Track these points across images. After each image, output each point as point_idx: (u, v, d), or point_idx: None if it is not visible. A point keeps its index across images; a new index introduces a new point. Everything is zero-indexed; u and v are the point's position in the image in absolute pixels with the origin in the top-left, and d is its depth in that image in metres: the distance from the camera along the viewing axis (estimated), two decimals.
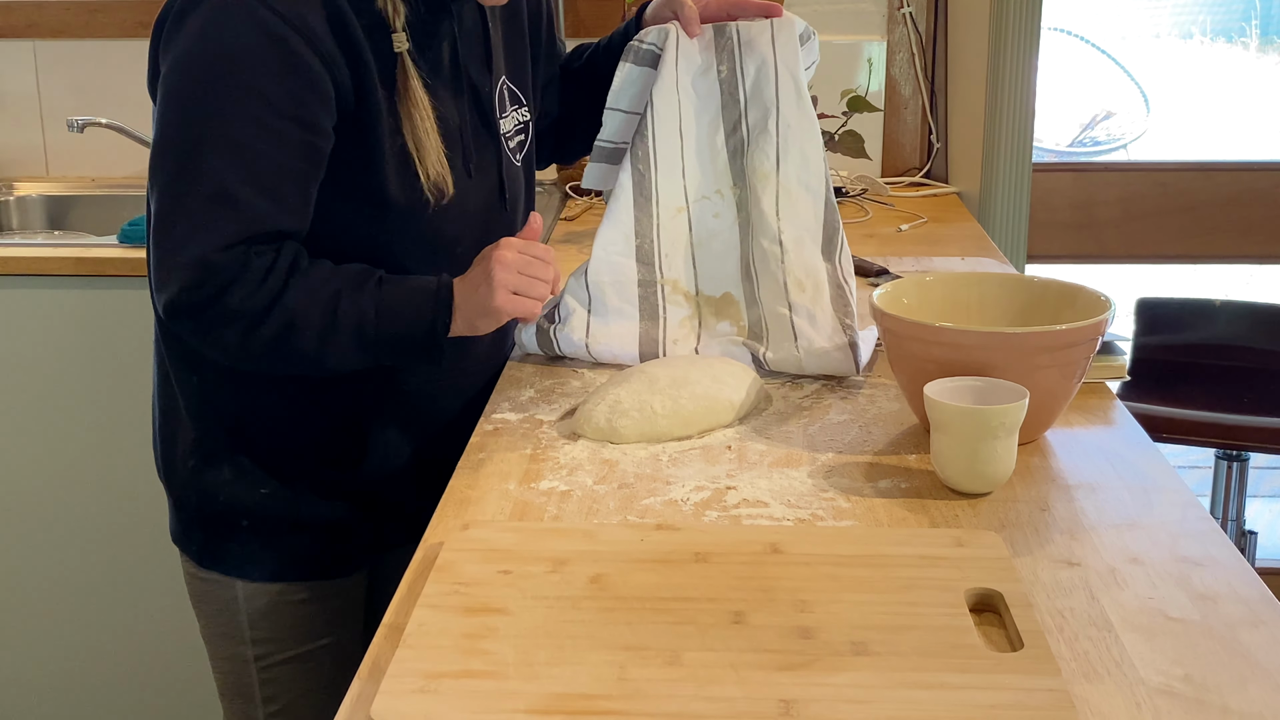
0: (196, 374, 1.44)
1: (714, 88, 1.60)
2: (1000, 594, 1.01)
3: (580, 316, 1.57)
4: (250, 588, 1.51)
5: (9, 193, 2.63)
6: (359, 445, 1.47)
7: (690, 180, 1.60)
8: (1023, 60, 2.45)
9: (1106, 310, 1.32)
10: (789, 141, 1.58)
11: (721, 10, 1.61)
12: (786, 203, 1.57)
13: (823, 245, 1.58)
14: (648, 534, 1.12)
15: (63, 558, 2.39)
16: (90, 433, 2.32)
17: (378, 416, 1.47)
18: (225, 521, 1.48)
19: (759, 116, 1.58)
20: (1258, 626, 1.00)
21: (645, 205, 1.59)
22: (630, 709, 0.88)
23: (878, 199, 2.49)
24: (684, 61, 1.59)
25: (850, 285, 1.57)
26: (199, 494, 1.48)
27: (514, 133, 1.53)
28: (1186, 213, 2.77)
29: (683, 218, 1.60)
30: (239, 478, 1.46)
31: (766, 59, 1.58)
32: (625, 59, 1.60)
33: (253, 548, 1.49)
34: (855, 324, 1.52)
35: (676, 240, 1.60)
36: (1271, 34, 4.58)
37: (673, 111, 1.58)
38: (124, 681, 2.42)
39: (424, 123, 1.35)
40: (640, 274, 1.58)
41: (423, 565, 1.10)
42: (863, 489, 1.24)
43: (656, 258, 1.59)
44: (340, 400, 1.45)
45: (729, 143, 1.60)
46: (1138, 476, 1.27)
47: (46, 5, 2.66)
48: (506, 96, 1.53)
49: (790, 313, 1.53)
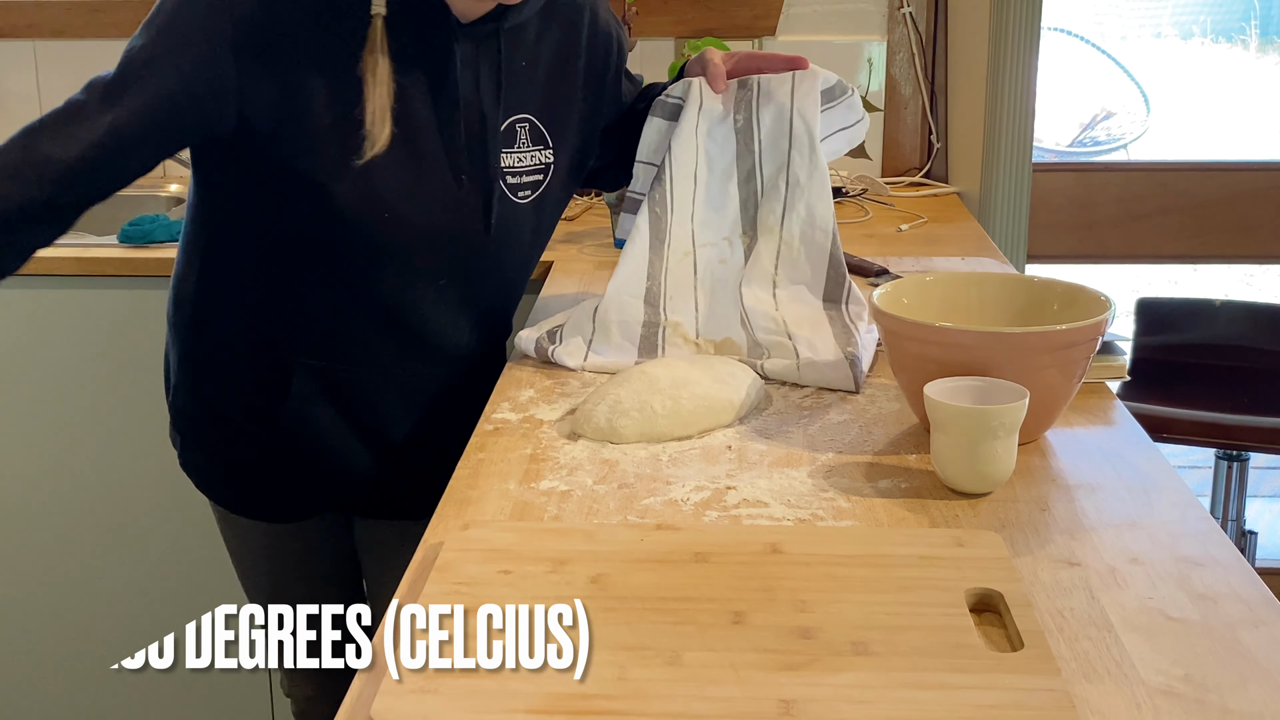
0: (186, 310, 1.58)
1: (730, 136, 1.62)
2: (1000, 594, 1.00)
3: (579, 345, 1.58)
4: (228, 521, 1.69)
5: None
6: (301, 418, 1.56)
7: (699, 225, 1.62)
8: (1023, 60, 2.45)
9: (1106, 310, 1.32)
10: (795, 199, 1.60)
11: (750, 65, 1.63)
12: (787, 256, 1.60)
13: (826, 294, 1.60)
14: (648, 534, 1.12)
15: (63, 558, 2.39)
16: (90, 433, 2.32)
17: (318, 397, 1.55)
18: (201, 446, 1.64)
19: (773, 170, 1.61)
20: (1258, 626, 1.00)
21: (659, 248, 1.60)
22: (630, 709, 0.88)
23: (878, 199, 2.49)
24: (705, 112, 1.61)
25: (858, 326, 1.56)
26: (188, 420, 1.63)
27: (525, 171, 1.54)
28: (1186, 213, 2.77)
29: (689, 261, 1.62)
30: (217, 400, 1.59)
31: (783, 108, 1.60)
32: (653, 113, 1.63)
33: (221, 476, 1.65)
34: (859, 352, 1.51)
35: (681, 283, 1.61)
36: (1271, 34, 4.58)
37: (689, 157, 1.60)
38: (126, 675, 2.42)
39: (378, 87, 1.39)
40: (646, 315, 1.59)
41: (423, 565, 1.10)
42: (863, 489, 1.24)
43: (662, 299, 1.60)
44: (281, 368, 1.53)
45: (742, 190, 1.62)
46: (1138, 476, 1.27)
47: (46, 5, 2.66)
48: (525, 134, 1.53)
49: (791, 340, 1.53)
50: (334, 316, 1.51)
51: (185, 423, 1.64)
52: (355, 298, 1.49)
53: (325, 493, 1.65)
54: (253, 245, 1.50)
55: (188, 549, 2.35)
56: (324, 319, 1.51)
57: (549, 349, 1.58)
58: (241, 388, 1.56)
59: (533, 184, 1.55)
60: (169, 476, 2.25)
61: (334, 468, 1.60)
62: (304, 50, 1.39)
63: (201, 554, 2.33)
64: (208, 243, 1.53)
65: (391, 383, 1.56)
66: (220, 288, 1.54)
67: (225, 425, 1.60)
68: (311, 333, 1.51)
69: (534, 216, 1.57)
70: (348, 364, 1.53)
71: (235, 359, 1.56)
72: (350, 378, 1.54)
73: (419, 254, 1.49)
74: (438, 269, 1.51)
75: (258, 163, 1.42)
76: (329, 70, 1.40)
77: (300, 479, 1.62)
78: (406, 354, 1.55)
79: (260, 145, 1.40)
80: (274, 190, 1.44)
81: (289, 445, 1.57)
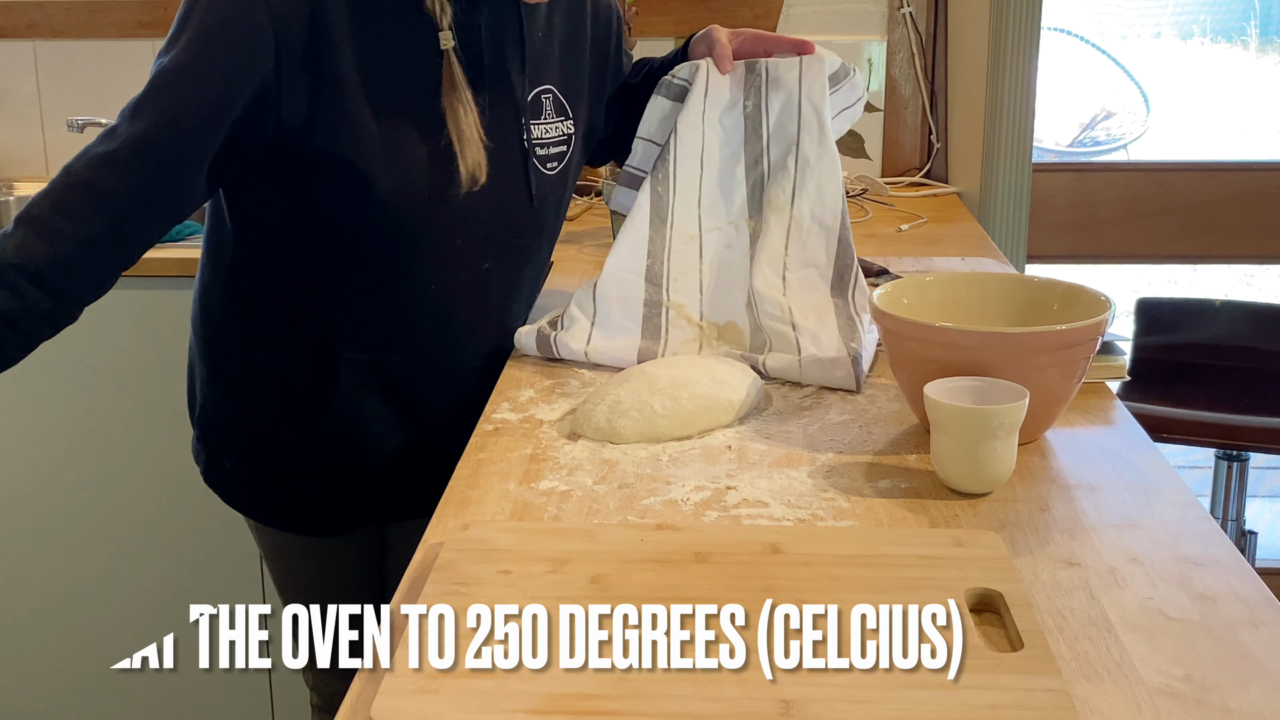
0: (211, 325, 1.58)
1: (739, 122, 1.63)
2: (1000, 594, 1.00)
3: (583, 326, 1.57)
4: (265, 533, 1.67)
5: (9, 193, 2.63)
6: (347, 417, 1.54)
7: (705, 209, 1.62)
8: (1023, 60, 2.45)
9: (1106, 310, 1.32)
10: (806, 177, 1.60)
11: (756, 47, 1.65)
12: (797, 236, 1.59)
13: (833, 281, 1.59)
14: (648, 534, 1.12)
15: (62, 558, 2.39)
16: (90, 433, 2.32)
17: (365, 391, 1.53)
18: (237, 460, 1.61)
19: (780, 152, 1.61)
20: (1258, 626, 1.00)
21: (660, 227, 1.60)
22: (630, 709, 0.88)
23: (878, 199, 2.49)
24: (712, 95, 1.62)
25: (862, 319, 1.57)
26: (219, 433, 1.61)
27: (552, 142, 1.56)
28: (1186, 213, 2.77)
29: (694, 245, 1.62)
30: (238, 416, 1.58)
31: (792, 94, 1.60)
32: (658, 92, 1.63)
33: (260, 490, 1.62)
34: (862, 349, 1.51)
35: (686, 267, 1.61)
36: (1271, 34, 4.58)
37: (696, 140, 1.61)
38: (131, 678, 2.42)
39: (467, 116, 1.43)
40: (647, 293, 1.59)
41: (423, 565, 1.10)
42: (863, 489, 1.24)
43: (665, 280, 1.60)
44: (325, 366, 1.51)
45: (749, 176, 1.62)
46: (1138, 476, 1.27)
47: (46, 5, 2.66)
48: (549, 105, 1.55)
49: (795, 332, 1.53)
50: (379, 308, 1.50)
51: (215, 436, 1.61)
52: (399, 288, 1.50)
53: (368, 501, 1.62)
54: (289, 248, 1.49)
55: (190, 549, 2.35)
56: (369, 311, 1.50)
57: (551, 336, 1.57)
58: (283, 395, 1.54)
59: (559, 155, 1.57)
60: (173, 477, 2.26)
61: (378, 469, 1.58)
62: (338, 36, 1.38)
63: (202, 553, 2.33)
64: (235, 254, 1.52)
65: (436, 374, 1.56)
66: (254, 296, 1.53)
67: (262, 435, 1.57)
68: (357, 325, 1.50)
69: (561, 188, 1.60)
70: (395, 354, 1.52)
71: (274, 366, 1.53)
72: (397, 369, 1.53)
73: (461, 235, 1.50)
74: (482, 250, 1.52)
75: (294, 160, 1.42)
76: (366, 55, 1.40)
77: (343, 486, 1.60)
78: (451, 344, 1.55)
79: (298, 139, 1.40)
80: (312, 186, 1.43)
81: (333, 449, 1.55)
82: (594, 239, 2.26)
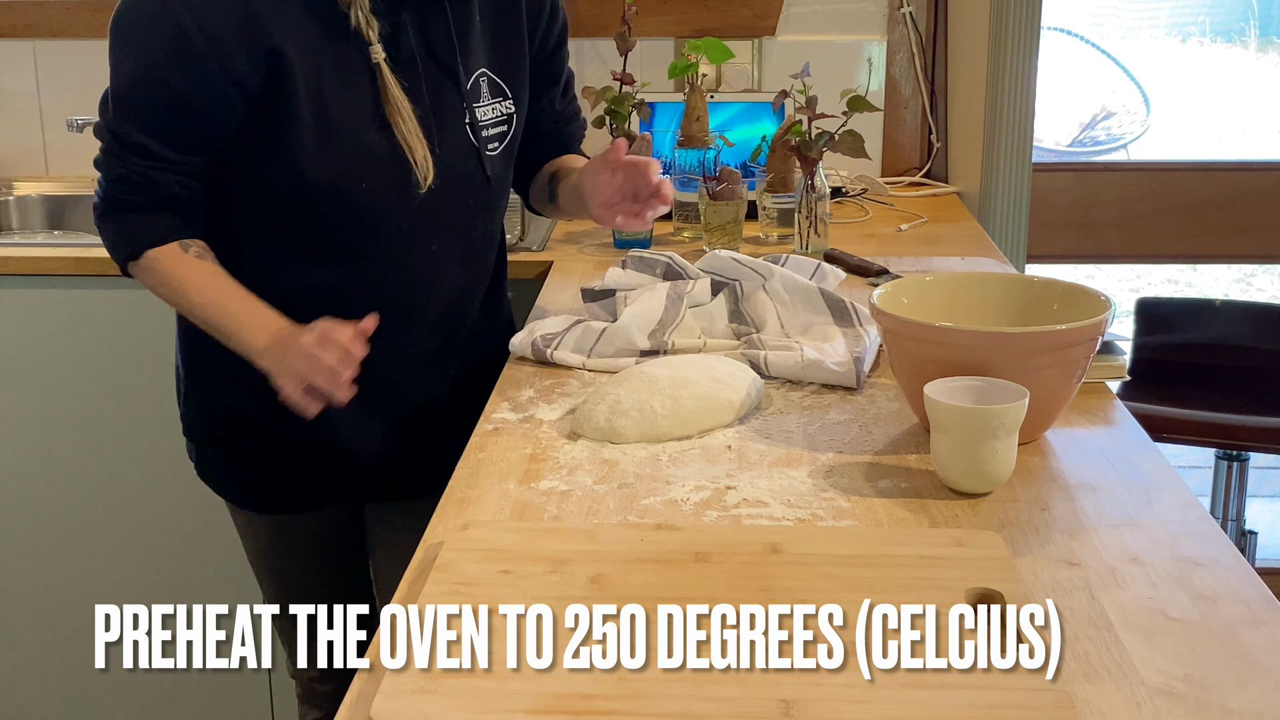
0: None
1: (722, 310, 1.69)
2: (1000, 594, 1.00)
3: (578, 358, 1.60)
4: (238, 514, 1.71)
5: (9, 193, 2.63)
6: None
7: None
8: (1023, 60, 2.45)
9: (1106, 310, 1.32)
10: (768, 277, 1.68)
11: (620, 191, 1.62)
12: (784, 311, 1.65)
13: (834, 319, 1.63)
14: (648, 534, 1.12)
15: (62, 558, 2.39)
16: (90, 433, 2.32)
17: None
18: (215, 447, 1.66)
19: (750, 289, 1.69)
20: (1258, 626, 1.00)
21: (676, 303, 1.66)
22: (630, 709, 0.88)
23: (878, 199, 2.49)
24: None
25: (868, 330, 1.60)
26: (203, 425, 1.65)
27: (492, 123, 1.60)
28: (1186, 213, 2.77)
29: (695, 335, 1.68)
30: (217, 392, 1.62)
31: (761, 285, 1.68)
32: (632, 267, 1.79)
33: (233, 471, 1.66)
34: (864, 352, 1.53)
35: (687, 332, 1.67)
36: (1271, 34, 4.58)
37: (692, 329, 1.66)
38: (127, 678, 2.42)
39: (407, 123, 1.48)
40: (651, 344, 1.61)
41: (423, 565, 1.10)
42: (863, 489, 1.24)
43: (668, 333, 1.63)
44: None
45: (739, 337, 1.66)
46: (1138, 476, 1.27)
47: (46, 5, 2.65)
48: (486, 87, 1.59)
49: (798, 346, 1.56)
50: (337, 297, 1.53)
51: (200, 428, 1.66)
52: (360, 281, 1.54)
53: (342, 480, 1.67)
54: (256, 253, 1.53)
55: (189, 547, 2.35)
56: (327, 301, 1.52)
57: (547, 351, 1.59)
58: (253, 388, 1.56)
59: (499, 135, 1.61)
60: (169, 475, 2.26)
61: (351, 453, 1.62)
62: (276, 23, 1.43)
63: (202, 552, 2.33)
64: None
65: (399, 357, 1.58)
66: None
67: (240, 426, 1.62)
68: (316, 316, 1.52)
69: (506, 164, 1.64)
70: None
71: (244, 359, 1.56)
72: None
73: (422, 224, 1.54)
74: (433, 233, 1.56)
75: (260, 176, 1.48)
76: (319, 83, 1.45)
77: (318, 469, 1.64)
78: (410, 325, 1.58)
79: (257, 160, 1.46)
80: (279, 202, 1.49)
81: (306, 437, 1.58)
82: (593, 239, 2.26)
